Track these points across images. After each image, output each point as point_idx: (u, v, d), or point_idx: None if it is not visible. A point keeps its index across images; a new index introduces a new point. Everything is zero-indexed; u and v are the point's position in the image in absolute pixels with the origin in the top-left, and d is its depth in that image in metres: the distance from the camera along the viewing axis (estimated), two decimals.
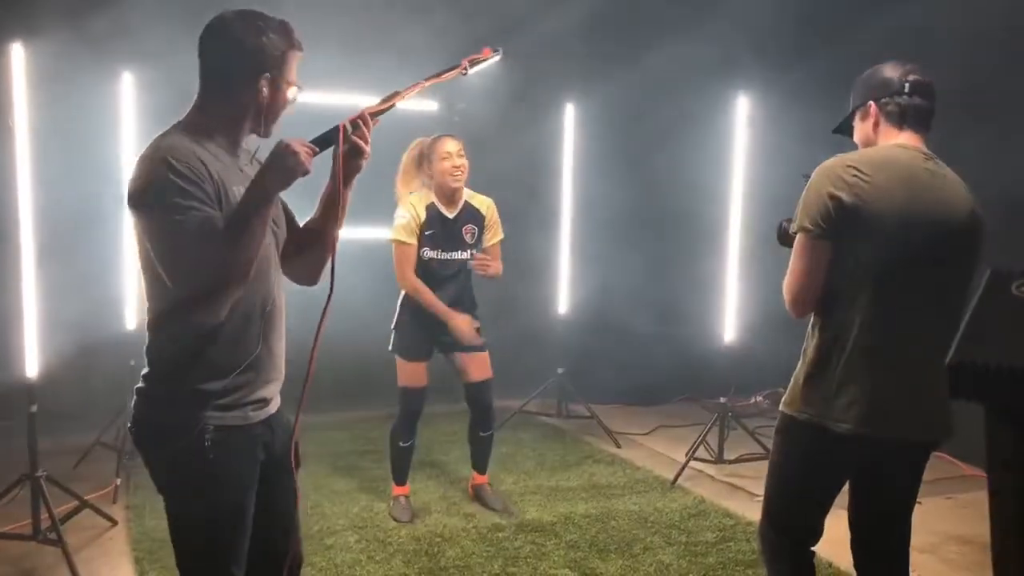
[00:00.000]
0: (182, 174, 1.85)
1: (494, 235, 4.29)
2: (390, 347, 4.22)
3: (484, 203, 4.28)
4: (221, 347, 2.00)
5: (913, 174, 2.31)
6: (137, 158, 1.95)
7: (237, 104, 2.00)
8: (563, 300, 6.24)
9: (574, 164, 6.17)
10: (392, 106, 2.04)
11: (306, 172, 1.92)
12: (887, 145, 2.41)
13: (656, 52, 5.75)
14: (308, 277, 2.26)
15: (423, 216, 4.09)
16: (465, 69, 2.14)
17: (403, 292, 4.19)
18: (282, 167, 1.89)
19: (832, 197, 2.26)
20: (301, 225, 2.25)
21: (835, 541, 2.68)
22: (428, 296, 4.09)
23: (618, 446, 5.60)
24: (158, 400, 2.04)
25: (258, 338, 2.07)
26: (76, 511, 3.98)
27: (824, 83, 5.51)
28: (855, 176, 2.26)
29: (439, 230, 4.12)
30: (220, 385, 2.01)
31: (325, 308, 1.99)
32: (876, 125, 2.44)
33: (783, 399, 2.48)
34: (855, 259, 2.28)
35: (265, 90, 1.98)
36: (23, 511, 3.75)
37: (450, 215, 4.17)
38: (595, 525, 4.21)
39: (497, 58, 2.18)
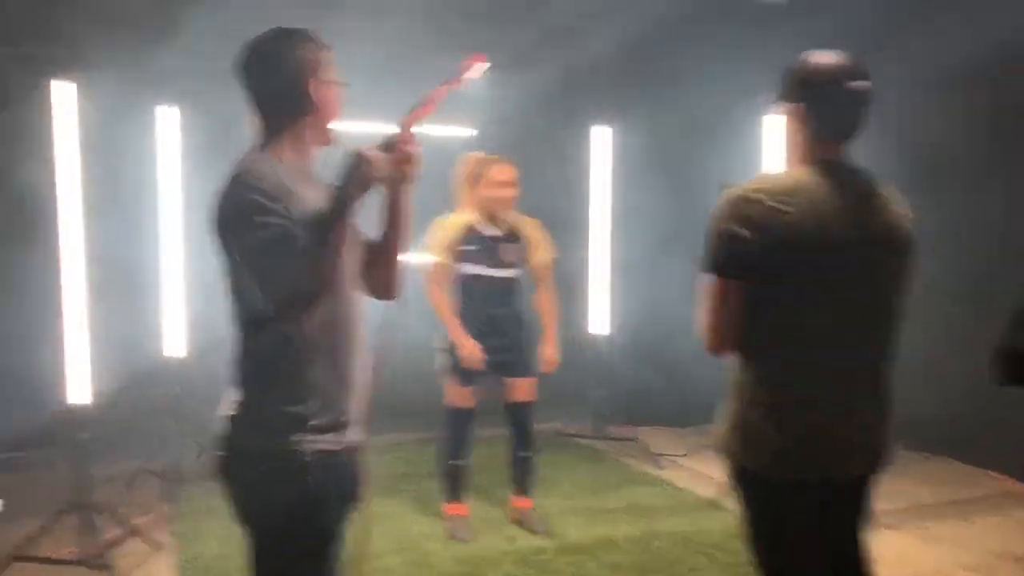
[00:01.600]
0: (263, 191, 1.89)
1: (541, 253, 4.32)
2: (437, 367, 4.25)
3: (527, 224, 4.32)
4: (314, 366, 1.98)
5: (825, 199, 2.08)
6: (224, 185, 1.96)
7: (297, 118, 2.04)
8: (602, 320, 6.23)
9: (613, 183, 6.18)
10: (429, 112, 2.06)
11: (381, 179, 1.97)
12: (799, 167, 2.17)
13: (696, 69, 5.78)
14: (385, 291, 2.24)
15: (453, 235, 4.16)
16: (458, 81, 2.13)
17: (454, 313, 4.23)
18: (358, 176, 1.92)
19: (736, 236, 2.06)
20: (372, 240, 2.23)
21: (883, 561, 2.63)
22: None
23: (659, 467, 5.57)
24: (251, 425, 2.00)
25: (347, 355, 2.05)
26: (123, 538, 4.04)
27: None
28: (760, 209, 2.04)
29: (479, 247, 4.17)
30: (315, 406, 1.98)
31: (393, 319, 2.04)
32: (799, 130, 2.20)
33: (713, 438, 2.29)
34: (769, 298, 2.09)
35: (317, 95, 2.02)
36: (74, 537, 3.81)
37: (492, 233, 4.21)
38: (637, 547, 4.19)
39: (487, 67, 2.16)
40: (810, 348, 2.12)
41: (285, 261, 1.86)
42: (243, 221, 1.89)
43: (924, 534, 4.40)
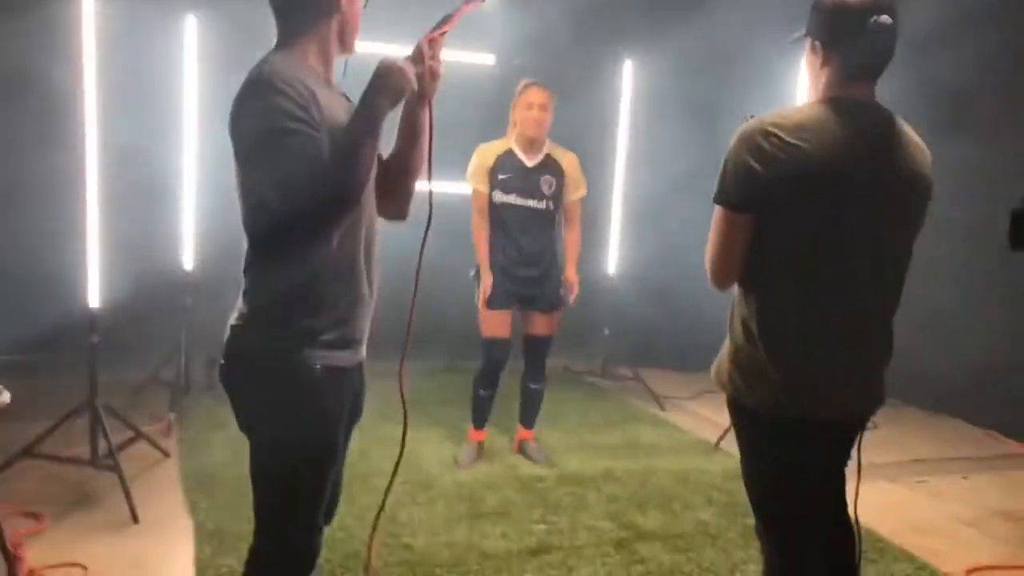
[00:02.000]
0: (290, 96, 1.81)
1: (576, 190, 4.31)
2: (476, 299, 4.26)
3: (566, 157, 4.30)
4: (329, 281, 1.95)
5: (840, 137, 2.03)
6: (240, 87, 1.88)
7: (322, 23, 1.98)
8: (613, 260, 6.22)
9: (631, 121, 6.11)
10: (450, 27, 2.01)
11: (413, 89, 1.92)
12: (818, 103, 2.12)
13: (717, 7, 5.65)
14: (397, 210, 2.20)
15: (491, 162, 4.16)
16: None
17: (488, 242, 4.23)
18: (390, 85, 1.87)
19: (749, 169, 2.02)
20: (385, 158, 2.18)
21: (880, 511, 2.66)
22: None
23: (663, 409, 5.61)
24: (261, 336, 1.96)
25: (363, 273, 2.03)
26: (131, 441, 4.11)
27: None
28: (776, 143, 2.00)
29: (515, 175, 4.16)
30: (329, 321, 1.96)
31: (425, 235, 1.99)
32: (823, 66, 2.14)
33: (714, 373, 2.28)
34: (779, 234, 2.06)
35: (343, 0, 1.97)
36: (82, 438, 3.88)
37: (529, 163, 4.19)
38: (635, 480, 4.23)
39: None
40: (815, 285, 2.08)
41: (313, 171, 1.78)
42: (268, 127, 1.80)
43: (922, 487, 4.43)
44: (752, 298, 2.15)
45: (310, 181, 1.78)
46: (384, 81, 1.87)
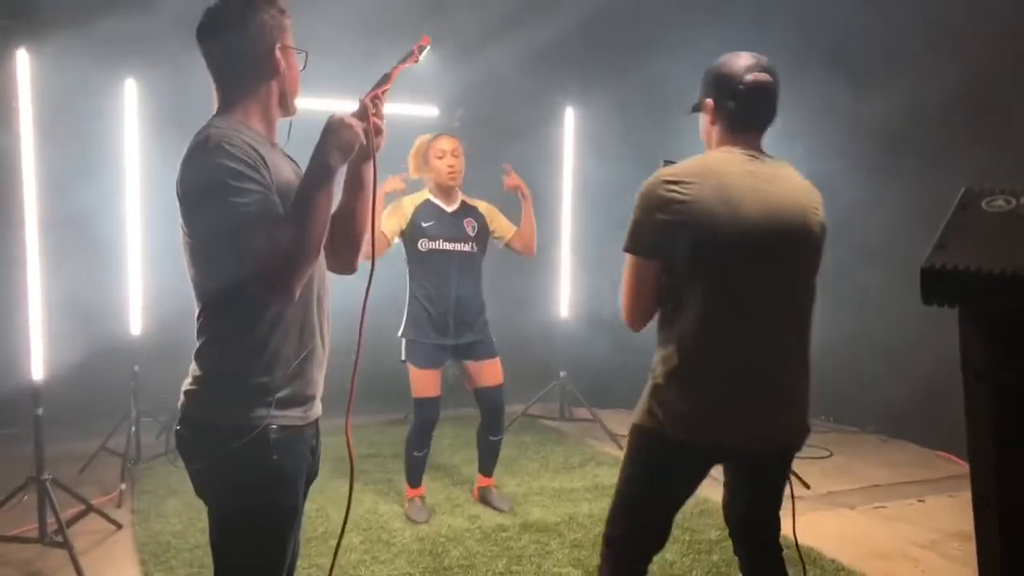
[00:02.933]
0: (238, 158, 1.82)
1: (507, 228, 4.35)
2: (402, 357, 4.22)
3: (482, 205, 4.35)
4: (283, 337, 1.93)
5: (732, 181, 2.21)
6: (186, 151, 1.89)
7: (261, 85, 1.99)
8: (565, 302, 6.26)
9: (575, 166, 6.20)
10: (390, 85, 2.03)
11: (362, 143, 1.93)
12: (711, 153, 2.35)
13: (657, 52, 5.79)
14: (346, 265, 2.18)
15: (409, 212, 4.15)
16: (416, 58, 2.13)
17: (409, 300, 4.21)
18: (340, 141, 1.88)
19: (653, 218, 2.21)
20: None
21: (840, 538, 2.70)
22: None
23: (621, 448, 5.60)
24: (215, 399, 1.94)
25: (315, 327, 2.02)
26: (82, 515, 4.00)
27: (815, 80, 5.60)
28: (672, 192, 2.19)
29: (438, 221, 4.17)
30: (282, 378, 1.93)
31: (368, 287, 1.97)
32: (713, 123, 2.37)
33: (635, 412, 2.38)
34: (684, 273, 2.22)
35: (282, 62, 1.98)
36: (30, 515, 3.76)
37: (449, 209, 4.22)
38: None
39: (428, 47, 2.16)
40: (720, 322, 2.22)
41: (264, 230, 1.78)
42: (217, 188, 1.80)
43: (880, 513, 4.49)
44: (663, 336, 2.30)
45: (265, 239, 1.78)
46: (334, 137, 1.88)
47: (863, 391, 5.92)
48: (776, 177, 2.29)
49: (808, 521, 4.32)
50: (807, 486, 4.79)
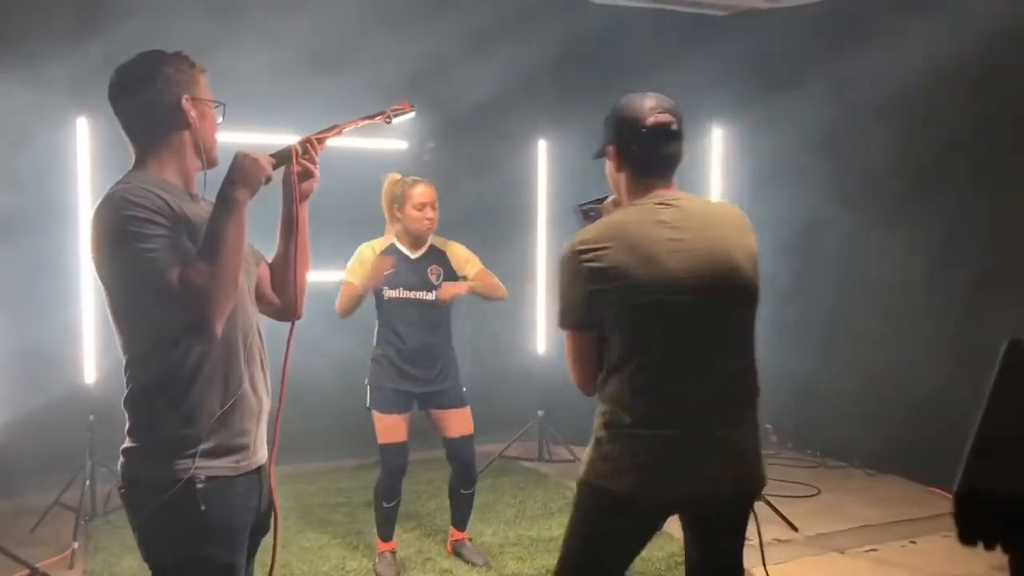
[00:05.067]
0: (141, 206, 1.85)
1: (472, 265, 4.12)
2: (367, 404, 4.01)
3: (448, 246, 4.13)
4: (205, 386, 1.93)
5: (643, 237, 2.15)
6: (99, 208, 1.92)
7: (171, 137, 2.01)
8: (541, 340, 6.08)
9: (548, 201, 6.05)
10: (336, 134, 2.08)
11: (268, 178, 1.97)
12: (619, 211, 2.28)
13: (628, 86, 5.67)
14: (286, 312, 2.19)
15: (378, 264, 3.90)
16: (388, 118, 2.17)
17: (375, 346, 4.03)
18: (244, 174, 1.92)
19: (576, 291, 2.19)
20: (270, 261, 2.23)
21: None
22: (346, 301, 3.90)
23: None
24: (144, 453, 1.94)
25: (241, 375, 2.00)
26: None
27: (789, 114, 5.51)
28: (587, 262, 2.16)
29: (400, 269, 3.95)
30: (204, 429, 1.92)
31: (290, 333, 2.03)
32: (619, 169, 2.30)
33: (580, 467, 2.33)
34: (615, 335, 2.19)
35: (192, 112, 2.01)
36: None
37: (413, 255, 4.02)
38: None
39: (412, 115, 2.22)
40: (647, 379, 2.17)
41: (176, 272, 1.82)
42: (122, 239, 1.84)
43: (871, 557, 4.31)
44: (602, 394, 2.26)
45: (177, 278, 1.81)
46: (239, 172, 1.92)
47: (849, 424, 5.77)
48: (690, 220, 2.20)
49: (796, 568, 4.14)
50: (795, 528, 4.61)
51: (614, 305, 2.15)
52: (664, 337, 2.16)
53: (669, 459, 2.16)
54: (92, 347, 4.77)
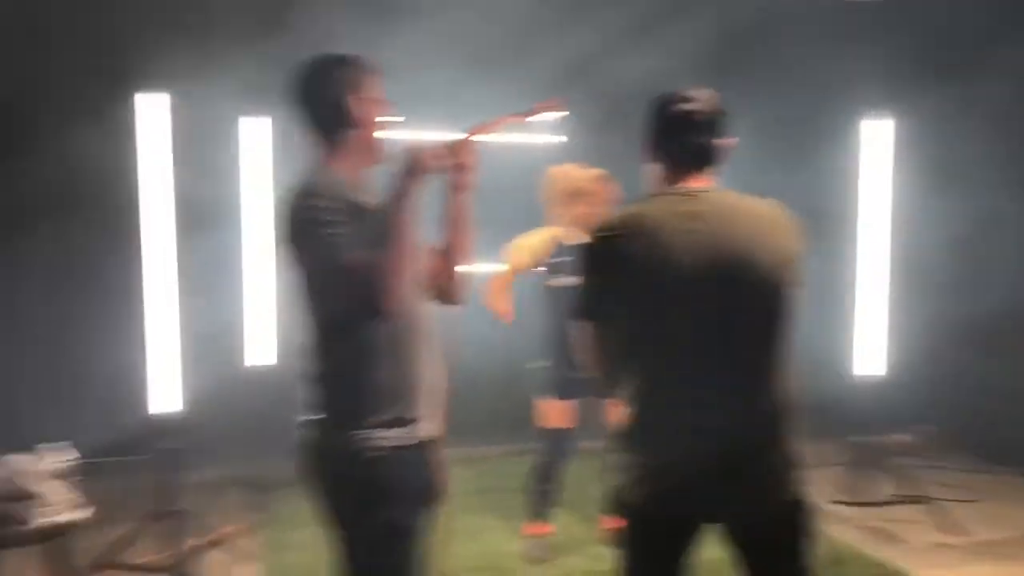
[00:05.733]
0: (323, 196, 2.05)
1: None
2: (534, 389, 4.09)
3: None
4: (383, 362, 2.10)
5: (661, 227, 2.06)
6: (284, 200, 2.12)
7: (342, 132, 2.18)
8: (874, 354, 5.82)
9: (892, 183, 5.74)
10: (492, 132, 2.22)
11: (436, 170, 2.12)
12: (649, 198, 2.19)
13: (789, 75, 5.55)
14: (450, 297, 2.35)
15: (542, 247, 4.02)
16: (538, 114, 2.30)
17: (545, 332, 4.08)
18: (414, 166, 2.07)
19: (588, 278, 2.18)
20: (437, 249, 2.35)
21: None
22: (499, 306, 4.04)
23: None
24: (327, 425, 2.13)
25: (415, 354, 2.15)
26: (212, 546, 4.08)
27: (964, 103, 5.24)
28: (600, 249, 2.14)
29: (573, 258, 4.01)
30: (383, 404, 2.10)
31: (453, 318, 2.21)
32: (648, 159, 2.24)
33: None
34: (624, 330, 2.13)
35: (362, 111, 2.17)
36: (158, 544, 3.86)
37: (575, 243, 4.09)
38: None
39: (560, 114, 2.34)
40: (654, 377, 2.10)
41: (357, 253, 1.98)
42: (306, 228, 2.04)
43: None
44: (623, 394, 2.16)
45: (358, 260, 1.98)
46: (408, 165, 2.08)
47: (998, 429, 5.44)
48: (713, 213, 2.09)
49: (959, 574, 3.99)
50: (960, 533, 4.42)
51: (622, 297, 2.11)
52: (677, 339, 2.06)
53: (684, 472, 2.06)
54: (271, 329, 5.09)
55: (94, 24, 5.10)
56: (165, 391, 3.81)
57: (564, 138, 5.86)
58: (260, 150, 4.94)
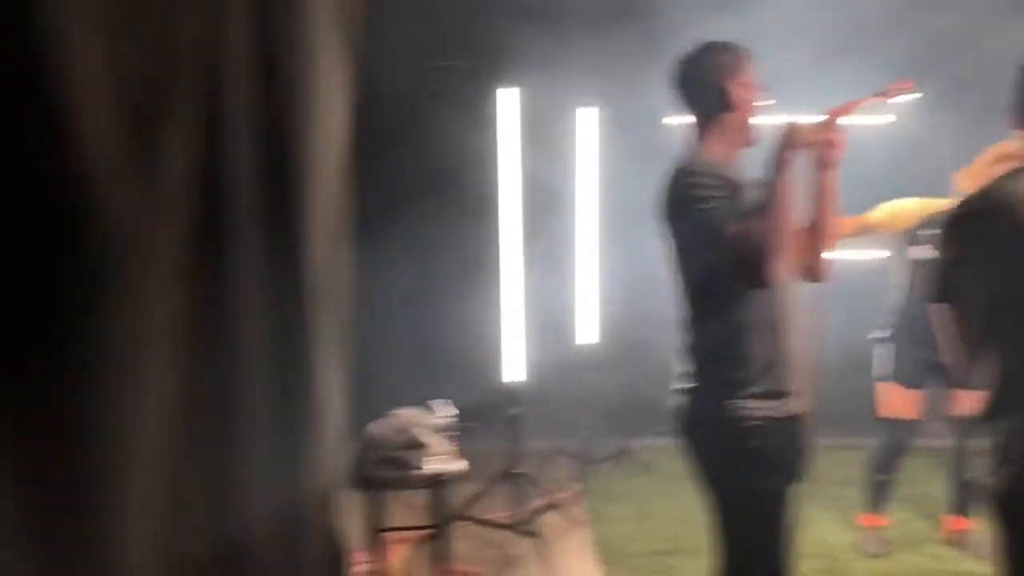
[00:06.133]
0: (699, 174, 2.19)
1: None
2: (877, 371, 3.91)
3: None
4: (756, 334, 2.18)
5: (1018, 200, 1.92)
6: (666, 179, 2.26)
7: (721, 117, 2.28)
8: None
9: None
10: (855, 110, 2.27)
11: (811, 145, 2.19)
12: (1009, 173, 1.99)
13: None
14: (813, 274, 2.38)
15: (923, 214, 3.75)
16: (892, 96, 2.37)
17: (896, 307, 3.88)
18: (792, 140, 2.13)
19: (942, 255, 2.12)
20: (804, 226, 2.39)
21: None
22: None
23: None
24: (703, 394, 2.23)
25: (785, 328, 2.22)
26: (546, 508, 4.35)
27: None
28: (955, 224, 2.05)
29: (936, 231, 3.74)
30: (754, 373, 2.17)
31: (817, 298, 2.27)
32: (1015, 126, 2.06)
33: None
34: (995, 311, 1.95)
35: (737, 95, 2.25)
36: (503, 502, 4.20)
37: None
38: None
39: (914, 95, 2.44)
40: (1012, 364, 1.91)
41: (733, 224, 2.07)
42: (687, 203, 2.16)
43: None
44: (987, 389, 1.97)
45: (735, 231, 2.07)
46: (786, 139, 2.14)
47: None
48: None
49: None
50: None
51: (982, 275, 1.95)
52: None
53: None
54: (596, 309, 5.31)
55: (462, 28, 5.54)
56: (512, 362, 4.11)
57: (893, 117, 5.53)
58: (591, 137, 5.17)
